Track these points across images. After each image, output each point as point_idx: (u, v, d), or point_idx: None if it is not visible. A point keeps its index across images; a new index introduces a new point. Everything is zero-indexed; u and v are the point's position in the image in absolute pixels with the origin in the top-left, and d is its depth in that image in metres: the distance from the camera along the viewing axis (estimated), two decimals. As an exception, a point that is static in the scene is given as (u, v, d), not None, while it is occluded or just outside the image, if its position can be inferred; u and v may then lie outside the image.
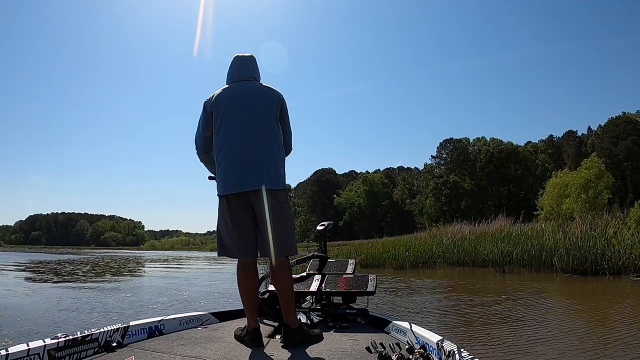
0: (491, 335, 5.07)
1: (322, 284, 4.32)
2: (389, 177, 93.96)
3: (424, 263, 15.98)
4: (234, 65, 3.48)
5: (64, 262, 24.58)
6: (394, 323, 3.53)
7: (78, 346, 2.85)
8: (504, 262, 13.38)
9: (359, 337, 3.32)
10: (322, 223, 4.93)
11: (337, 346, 3.09)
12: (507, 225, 18.38)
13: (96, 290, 10.68)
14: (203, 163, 3.57)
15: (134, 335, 3.27)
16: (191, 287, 11.36)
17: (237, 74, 3.44)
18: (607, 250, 10.86)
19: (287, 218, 3.23)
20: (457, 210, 64.49)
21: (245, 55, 3.52)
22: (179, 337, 3.39)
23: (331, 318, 3.94)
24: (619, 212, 13.85)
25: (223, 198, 3.21)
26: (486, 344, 4.69)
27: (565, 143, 77.51)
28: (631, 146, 60.50)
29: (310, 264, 4.82)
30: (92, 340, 2.95)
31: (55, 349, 2.71)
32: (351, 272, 4.63)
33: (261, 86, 3.42)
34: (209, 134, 3.38)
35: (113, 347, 3.00)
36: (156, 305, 7.93)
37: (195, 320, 3.85)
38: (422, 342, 2.90)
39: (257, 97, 3.33)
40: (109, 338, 3.05)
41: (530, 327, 5.47)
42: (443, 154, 79.63)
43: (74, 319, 6.51)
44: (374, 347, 2.83)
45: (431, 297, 8.63)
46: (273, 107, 3.33)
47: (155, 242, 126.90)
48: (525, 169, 73.97)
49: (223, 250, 3.28)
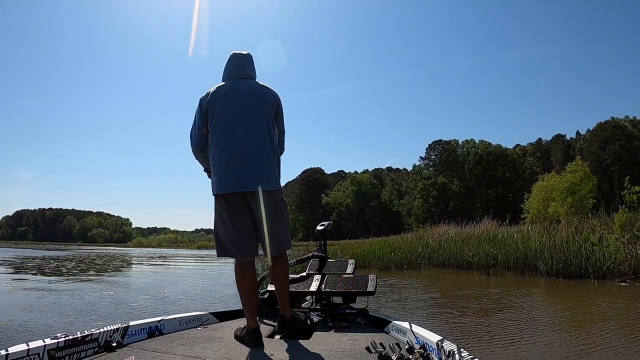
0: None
1: (322, 284, 4.34)
2: (378, 177, 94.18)
3: (409, 264, 15.95)
4: (230, 62, 3.48)
5: (49, 258, 24.36)
6: (394, 323, 3.56)
7: (78, 346, 2.85)
8: (489, 265, 13.36)
9: (359, 337, 3.34)
10: (322, 223, 4.95)
11: (337, 346, 3.11)
12: (494, 228, 18.37)
13: (76, 287, 10.55)
14: (198, 160, 3.56)
15: (134, 335, 3.28)
16: (173, 285, 11.29)
17: (233, 72, 3.44)
18: (592, 255, 10.84)
19: (283, 217, 3.31)
20: (445, 212, 64.80)
21: (242, 53, 3.53)
22: (179, 337, 3.40)
23: (331, 318, 3.97)
24: (605, 217, 13.84)
25: (220, 197, 3.20)
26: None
27: (554, 146, 78.01)
28: (619, 151, 60.99)
29: (310, 264, 4.83)
30: (92, 340, 2.95)
31: (55, 349, 2.70)
32: (351, 272, 4.65)
33: (257, 85, 3.42)
34: (204, 131, 3.36)
35: (113, 347, 3.00)
36: (134, 304, 7.81)
37: (195, 320, 3.86)
38: (422, 342, 2.91)
39: (252, 96, 3.32)
40: (108, 338, 3.05)
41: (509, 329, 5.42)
42: (432, 155, 79.94)
43: (37, 320, 6.28)
44: (374, 347, 2.84)
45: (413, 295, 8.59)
46: (269, 107, 3.34)
47: (143, 239, 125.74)
48: (514, 171, 74.39)
49: (222, 250, 3.28)
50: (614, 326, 5.74)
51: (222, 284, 11.33)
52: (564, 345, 4.66)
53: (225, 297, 8.82)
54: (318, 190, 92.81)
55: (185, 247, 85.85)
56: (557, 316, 6.81)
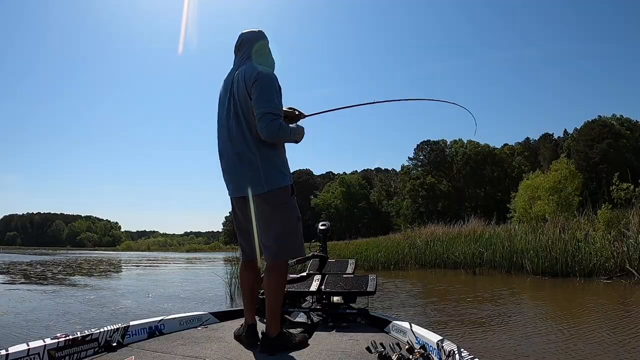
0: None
1: (322, 284, 4.35)
2: (366, 178, 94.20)
3: (395, 264, 15.92)
4: (235, 45, 3.26)
5: (36, 263, 24.05)
6: (394, 323, 3.57)
7: (78, 346, 2.86)
8: (475, 264, 13.32)
9: (359, 337, 3.36)
10: (323, 223, 5.01)
11: (337, 346, 3.12)
12: (481, 227, 18.38)
13: (59, 291, 10.37)
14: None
15: (134, 335, 3.29)
16: (158, 289, 11.10)
17: (235, 56, 3.25)
18: (578, 253, 10.80)
19: (273, 223, 3.03)
20: (433, 212, 64.82)
21: (245, 32, 3.22)
22: (179, 337, 3.41)
23: (331, 318, 4.01)
24: (591, 214, 13.84)
25: (231, 199, 3.24)
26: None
27: (542, 145, 78.41)
28: (607, 149, 61.35)
29: (310, 264, 4.85)
30: (92, 340, 2.96)
31: (55, 349, 2.71)
32: (351, 272, 4.68)
33: (243, 71, 3.04)
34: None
35: (113, 347, 3.02)
36: (115, 308, 7.67)
37: (195, 320, 3.88)
38: (422, 342, 2.92)
39: (239, 88, 3.03)
40: (109, 338, 3.07)
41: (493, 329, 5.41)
42: (420, 155, 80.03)
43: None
44: (374, 347, 2.86)
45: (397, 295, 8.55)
46: (247, 97, 2.97)
47: (132, 242, 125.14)
48: (502, 170, 74.63)
49: (240, 251, 3.37)
50: (596, 324, 5.71)
51: (208, 288, 11.19)
52: (538, 343, 4.62)
53: (210, 300, 8.73)
54: (307, 192, 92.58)
55: (175, 250, 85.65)
56: (539, 315, 6.75)
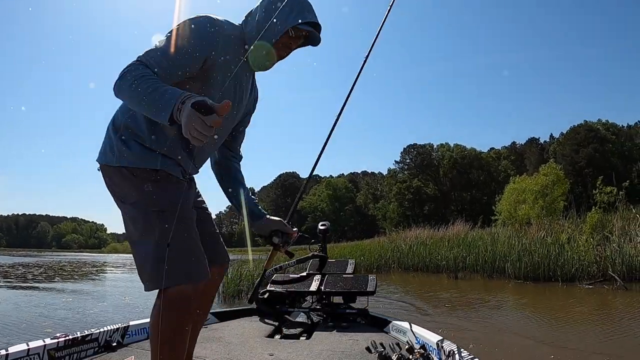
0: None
1: (322, 284, 4.36)
2: (353, 181, 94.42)
3: (378, 268, 15.86)
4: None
5: (18, 265, 23.82)
6: (394, 323, 3.57)
7: (78, 346, 2.85)
8: (457, 268, 13.16)
9: (359, 337, 3.35)
10: (323, 223, 4.98)
11: (337, 346, 3.11)
12: (466, 230, 18.29)
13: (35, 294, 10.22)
14: None
15: (134, 335, 3.27)
16: (136, 291, 10.83)
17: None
18: (561, 257, 10.63)
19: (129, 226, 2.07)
20: (420, 215, 65.00)
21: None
22: None
23: (331, 318, 4.00)
24: (576, 219, 13.71)
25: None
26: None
27: (528, 150, 79.07)
28: (592, 153, 61.95)
29: (310, 264, 4.86)
30: (92, 340, 2.95)
31: (55, 349, 2.70)
32: (351, 272, 4.71)
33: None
34: None
35: (113, 347, 3.01)
36: (92, 311, 7.54)
37: None
38: (422, 342, 2.91)
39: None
40: (109, 338, 3.05)
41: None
42: (407, 159, 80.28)
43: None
44: (374, 347, 2.88)
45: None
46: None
47: (118, 245, 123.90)
48: (488, 174, 75.01)
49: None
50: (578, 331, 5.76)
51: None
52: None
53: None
54: (293, 195, 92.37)
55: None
56: (519, 321, 6.74)
